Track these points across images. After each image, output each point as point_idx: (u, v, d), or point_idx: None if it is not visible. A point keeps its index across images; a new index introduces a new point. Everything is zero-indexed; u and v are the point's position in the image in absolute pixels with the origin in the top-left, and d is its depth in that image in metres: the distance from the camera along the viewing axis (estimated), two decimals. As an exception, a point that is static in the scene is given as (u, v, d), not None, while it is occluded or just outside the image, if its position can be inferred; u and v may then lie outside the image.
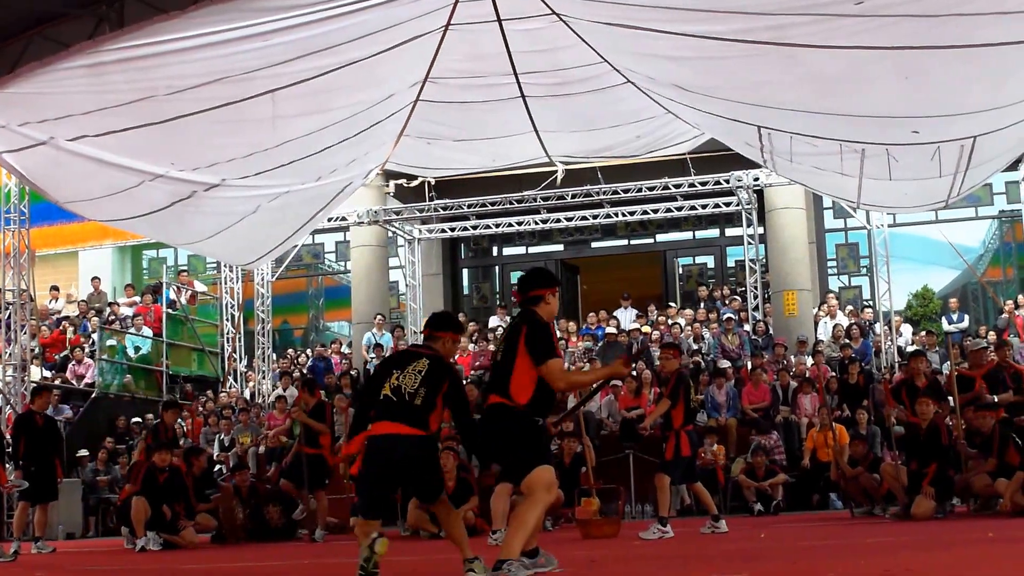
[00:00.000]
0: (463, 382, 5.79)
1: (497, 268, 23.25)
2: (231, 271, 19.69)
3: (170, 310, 19.73)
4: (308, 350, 20.63)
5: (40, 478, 11.74)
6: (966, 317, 18.03)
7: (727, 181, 17.13)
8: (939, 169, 10.49)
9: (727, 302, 18.59)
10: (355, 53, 8.98)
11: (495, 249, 23.03)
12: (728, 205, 18.06)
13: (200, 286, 21.29)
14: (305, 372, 18.26)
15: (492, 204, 18.22)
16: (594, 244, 22.30)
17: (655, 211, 18.39)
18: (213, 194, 11.24)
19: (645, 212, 18.47)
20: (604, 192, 17.59)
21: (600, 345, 17.21)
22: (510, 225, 19.24)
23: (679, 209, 18.41)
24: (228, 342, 19.83)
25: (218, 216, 12.16)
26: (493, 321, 19.76)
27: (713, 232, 21.74)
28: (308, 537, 11.70)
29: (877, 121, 9.59)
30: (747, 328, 17.11)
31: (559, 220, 19.10)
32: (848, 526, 9.95)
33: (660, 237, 21.98)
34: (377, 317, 18.81)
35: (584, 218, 18.96)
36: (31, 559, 10.90)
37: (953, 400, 10.46)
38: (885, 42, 7.98)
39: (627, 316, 18.64)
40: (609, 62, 10.21)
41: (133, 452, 15.11)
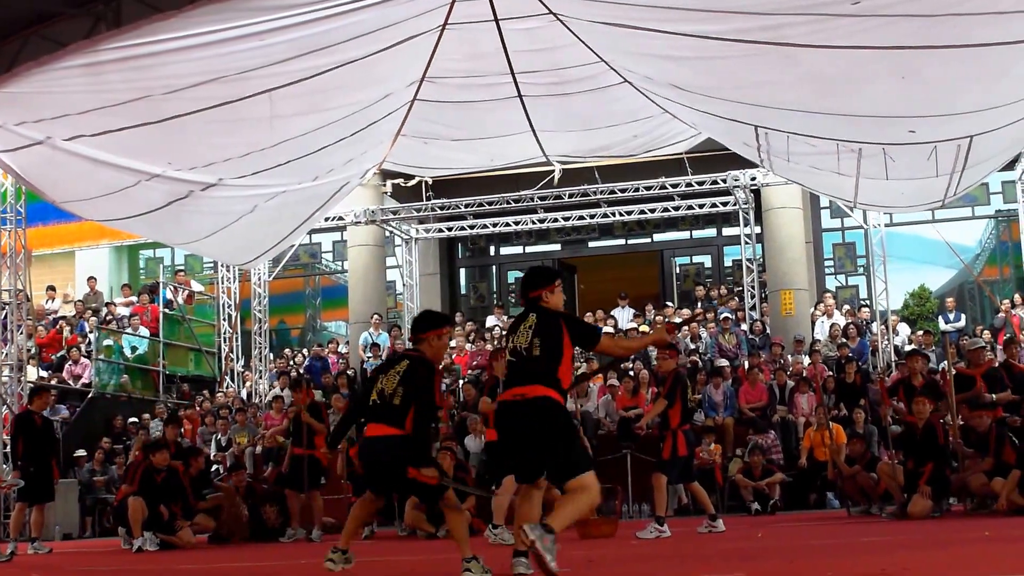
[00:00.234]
0: (430, 383, 5.76)
1: (494, 268, 23.23)
2: (228, 271, 19.65)
3: (167, 310, 19.69)
4: (305, 350, 20.60)
5: (38, 478, 11.72)
6: (963, 316, 18.03)
7: (724, 181, 17.14)
8: (936, 168, 10.51)
9: (725, 302, 18.56)
10: (352, 52, 8.99)
11: (492, 249, 23.01)
12: (725, 205, 18.06)
13: (197, 286, 21.25)
14: (301, 372, 18.23)
15: (489, 204, 18.22)
16: (591, 244, 22.28)
17: (652, 211, 18.40)
18: (210, 194, 11.24)
19: (642, 212, 18.47)
20: (601, 192, 17.59)
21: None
22: (507, 225, 19.22)
23: (676, 209, 18.43)
24: (225, 342, 19.78)
25: (215, 216, 12.15)
26: (490, 320, 19.73)
27: (710, 232, 21.73)
28: (305, 537, 11.69)
29: (874, 121, 9.60)
30: (744, 327, 17.11)
31: (556, 220, 19.10)
32: (845, 525, 9.95)
33: (657, 237, 21.97)
34: (374, 317, 18.79)
35: (581, 217, 18.95)
36: (27, 559, 10.86)
37: (950, 399, 10.46)
38: (882, 42, 7.99)
39: (624, 315, 18.63)
40: (606, 62, 10.21)
41: (130, 452, 15.11)
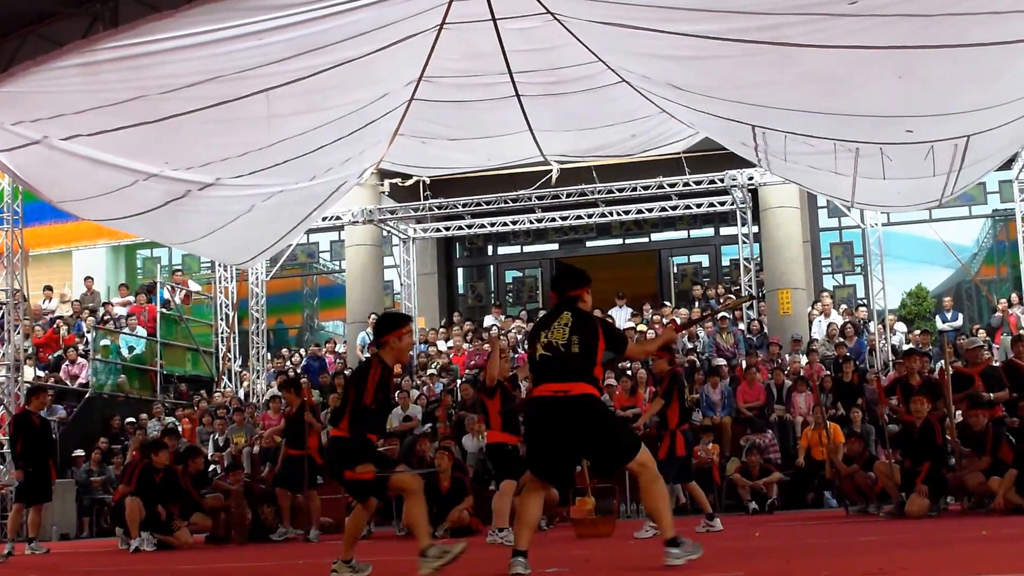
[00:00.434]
0: (364, 381, 5.85)
1: (492, 267, 23.24)
2: (225, 270, 19.64)
3: (164, 310, 19.66)
4: (302, 349, 20.59)
5: (35, 479, 11.71)
6: (960, 316, 18.04)
7: (721, 180, 17.15)
8: (933, 168, 10.52)
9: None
10: (350, 52, 8.98)
11: (490, 248, 23.02)
12: (723, 204, 18.08)
13: (194, 285, 21.21)
14: (298, 372, 18.20)
15: (487, 203, 18.22)
16: (589, 243, 22.30)
17: (650, 210, 18.40)
18: (207, 193, 11.23)
19: (640, 211, 18.47)
20: (599, 191, 17.59)
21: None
22: (505, 224, 19.23)
23: (674, 208, 18.43)
24: (222, 342, 19.77)
25: (212, 215, 12.13)
26: (488, 320, 19.73)
27: (708, 231, 21.76)
28: (303, 537, 11.68)
29: (871, 120, 9.61)
30: (742, 327, 17.12)
31: (554, 219, 19.10)
32: (843, 524, 9.96)
33: (655, 236, 21.99)
34: (372, 316, 18.72)
35: (579, 217, 18.96)
36: (25, 560, 10.85)
37: (947, 399, 10.46)
38: (879, 42, 7.99)
39: (622, 315, 18.63)
40: (604, 61, 10.20)
41: (128, 452, 15.09)
